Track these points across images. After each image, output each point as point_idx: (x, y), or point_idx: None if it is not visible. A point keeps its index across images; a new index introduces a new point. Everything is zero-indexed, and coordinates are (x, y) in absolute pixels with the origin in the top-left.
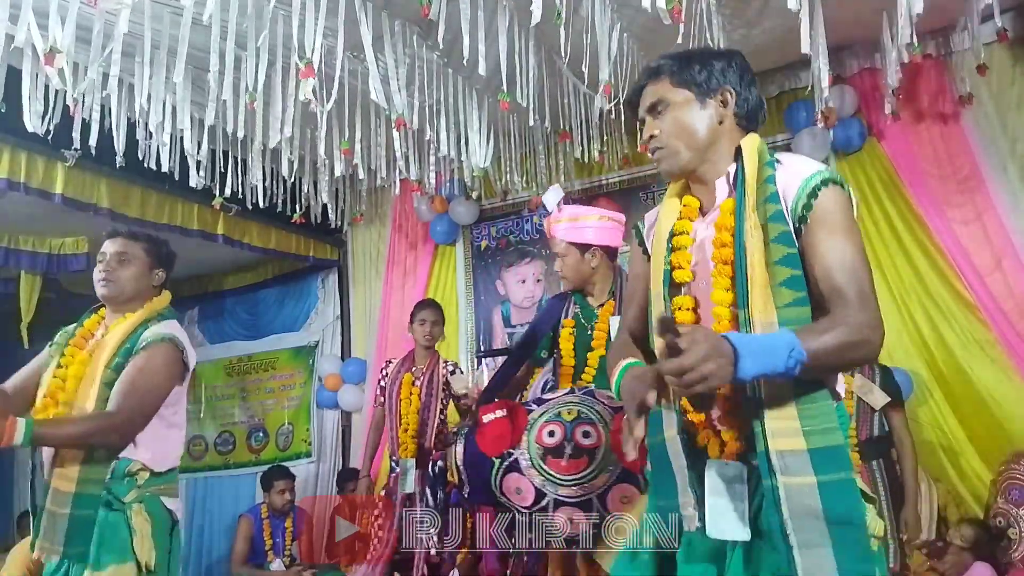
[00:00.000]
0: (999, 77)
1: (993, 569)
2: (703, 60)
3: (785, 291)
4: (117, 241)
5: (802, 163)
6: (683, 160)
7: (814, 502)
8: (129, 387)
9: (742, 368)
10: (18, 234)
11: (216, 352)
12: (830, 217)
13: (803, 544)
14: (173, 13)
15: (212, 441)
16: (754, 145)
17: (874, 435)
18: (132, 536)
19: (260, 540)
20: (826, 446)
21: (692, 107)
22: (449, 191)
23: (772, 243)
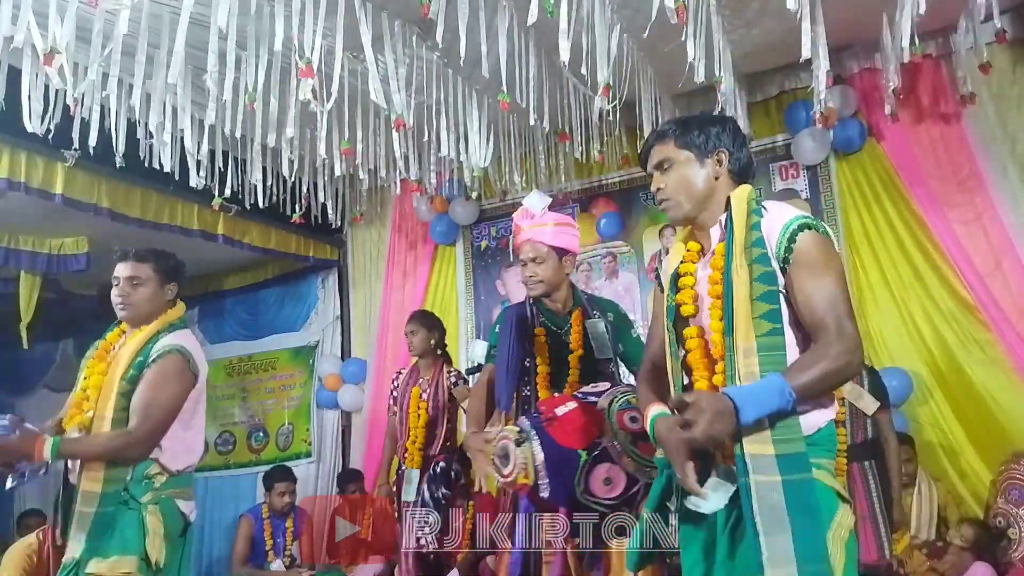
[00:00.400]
0: (999, 77)
1: (993, 569)
2: (702, 126)
3: (764, 323)
4: (128, 265)
5: (783, 211)
6: (684, 210)
7: (778, 496)
8: (145, 404)
9: (744, 417)
10: (18, 234)
11: (216, 352)
12: (807, 259)
13: (767, 531)
14: (172, 13)
15: (213, 441)
16: (743, 196)
17: (868, 437)
18: (145, 534)
19: (261, 540)
20: (789, 453)
21: (692, 166)
22: (449, 191)
23: (755, 281)
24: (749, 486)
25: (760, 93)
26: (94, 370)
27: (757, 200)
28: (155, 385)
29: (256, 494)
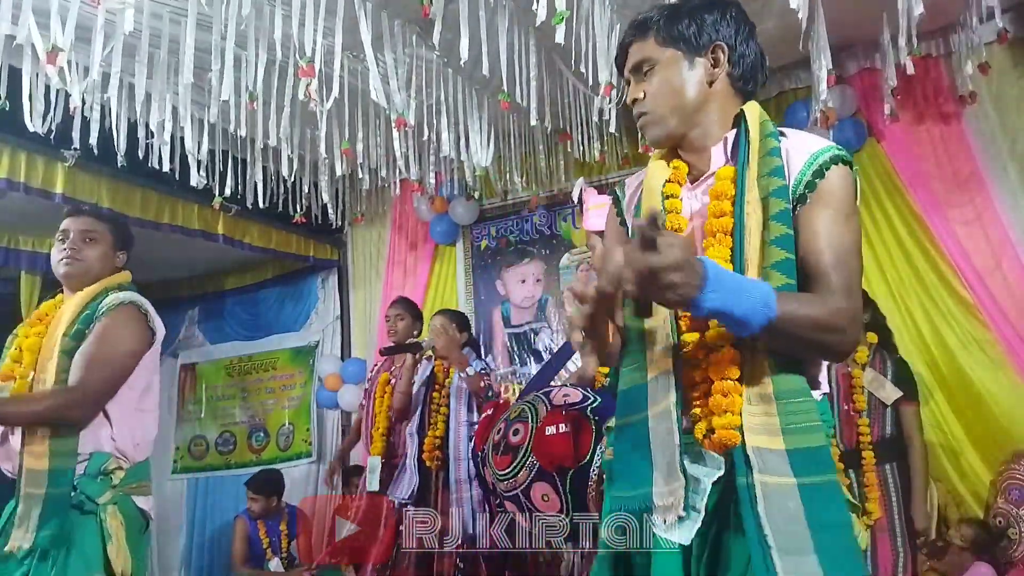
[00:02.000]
0: (999, 77)
1: (993, 569)
2: (692, 12)
3: (776, 275)
4: (81, 219)
5: (810, 137)
6: (670, 126)
7: (795, 504)
8: (89, 357)
9: (705, 296)
10: (18, 234)
11: (216, 352)
12: (834, 198)
13: (783, 549)
14: (173, 12)
15: (213, 441)
16: (757, 112)
17: (887, 434)
18: (106, 543)
19: (257, 540)
20: (807, 447)
21: (680, 66)
22: (449, 191)
23: (771, 220)
24: (753, 489)
25: (760, 93)
26: (30, 332)
27: (772, 122)
28: (103, 337)
29: None
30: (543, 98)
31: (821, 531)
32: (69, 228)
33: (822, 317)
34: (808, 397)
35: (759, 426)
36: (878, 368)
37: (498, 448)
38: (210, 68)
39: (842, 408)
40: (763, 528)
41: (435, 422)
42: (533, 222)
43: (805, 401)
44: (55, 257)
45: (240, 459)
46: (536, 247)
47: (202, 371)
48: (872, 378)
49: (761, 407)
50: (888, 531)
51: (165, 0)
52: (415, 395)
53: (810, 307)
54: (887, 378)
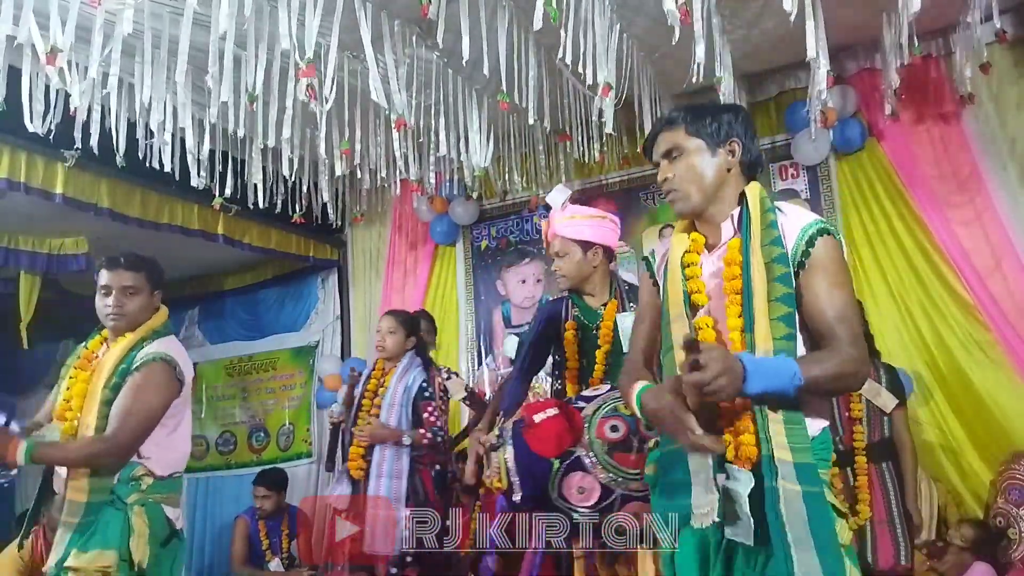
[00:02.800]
0: (999, 77)
1: (993, 569)
2: (714, 113)
3: (780, 325)
4: (121, 274)
5: (800, 213)
6: (694, 202)
7: (800, 507)
8: (124, 411)
9: (750, 385)
10: (18, 234)
11: (216, 352)
12: (827, 266)
13: (797, 543)
14: (173, 13)
15: (213, 441)
16: (757, 192)
17: (885, 436)
18: (129, 533)
19: (257, 540)
20: (803, 462)
21: (704, 155)
22: (449, 191)
23: (774, 282)
24: (777, 492)
25: (760, 93)
26: (77, 378)
27: (770, 199)
28: (136, 392)
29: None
30: (543, 98)
31: (816, 531)
32: (110, 284)
33: (838, 370)
34: (802, 426)
35: (779, 442)
36: (872, 376)
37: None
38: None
39: (842, 415)
40: (785, 526)
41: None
42: (533, 222)
43: (801, 428)
44: (101, 311)
45: (240, 459)
46: (536, 247)
47: (202, 371)
48: (868, 387)
49: (777, 427)
50: (887, 523)
51: (165, 0)
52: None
53: (827, 365)
54: (881, 385)
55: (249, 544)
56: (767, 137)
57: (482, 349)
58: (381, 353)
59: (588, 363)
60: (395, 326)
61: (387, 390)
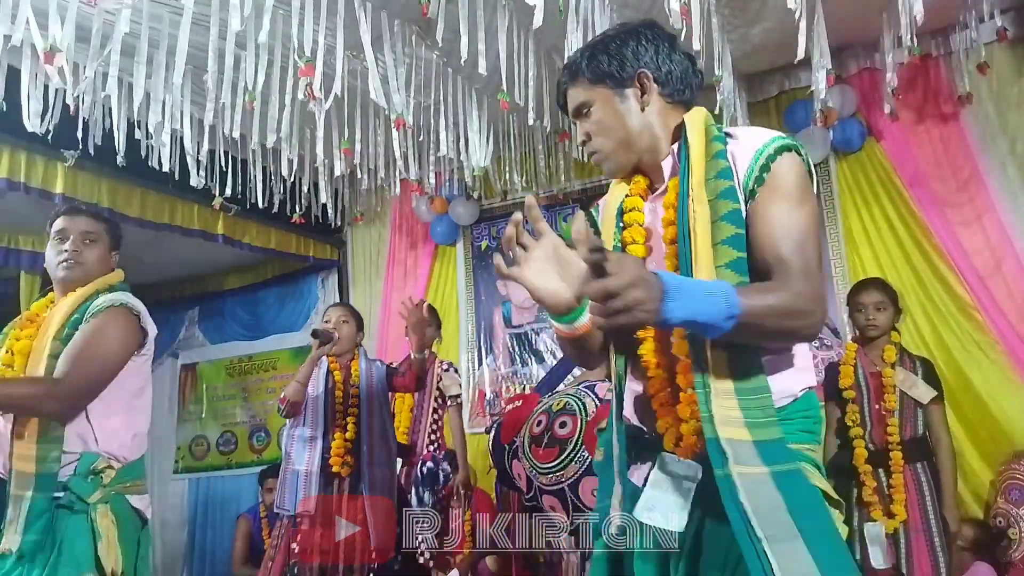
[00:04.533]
0: (999, 77)
1: (993, 569)
2: (611, 49)
3: (729, 274)
4: (80, 219)
5: (756, 133)
6: (619, 159)
7: (772, 492)
8: (75, 353)
9: (669, 307)
10: (18, 234)
11: (216, 352)
12: (783, 184)
13: (773, 538)
14: (172, 13)
15: (214, 441)
16: (699, 119)
17: (918, 434)
18: (96, 541)
19: (259, 540)
20: (767, 439)
21: (612, 102)
22: (449, 191)
23: (719, 221)
24: (732, 480)
25: (760, 93)
26: (21, 334)
27: (717, 126)
28: (92, 335)
29: (258, 493)
30: (542, 98)
31: (800, 515)
32: (68, 228)
33: (785, 303)
34: (766, 394)
35: (729, 419)
36: (907, 367)
37: (540, 440)
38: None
39: (873, 408)
40: (751, 520)
41: (345, 425)
42: None
43: (763, 397)
44: (52, 258)
45: (241, 459)
46: None
47: (202, 371)
48: (904, 377)
49: (726, 400)
50: (923, 531)
51: (164, 0)
52: (316, 398)
53: (772, 296)
54: (918, 376)
55: (250, 544)
56: None
57: (482, 349)
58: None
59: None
60: (347, 315)
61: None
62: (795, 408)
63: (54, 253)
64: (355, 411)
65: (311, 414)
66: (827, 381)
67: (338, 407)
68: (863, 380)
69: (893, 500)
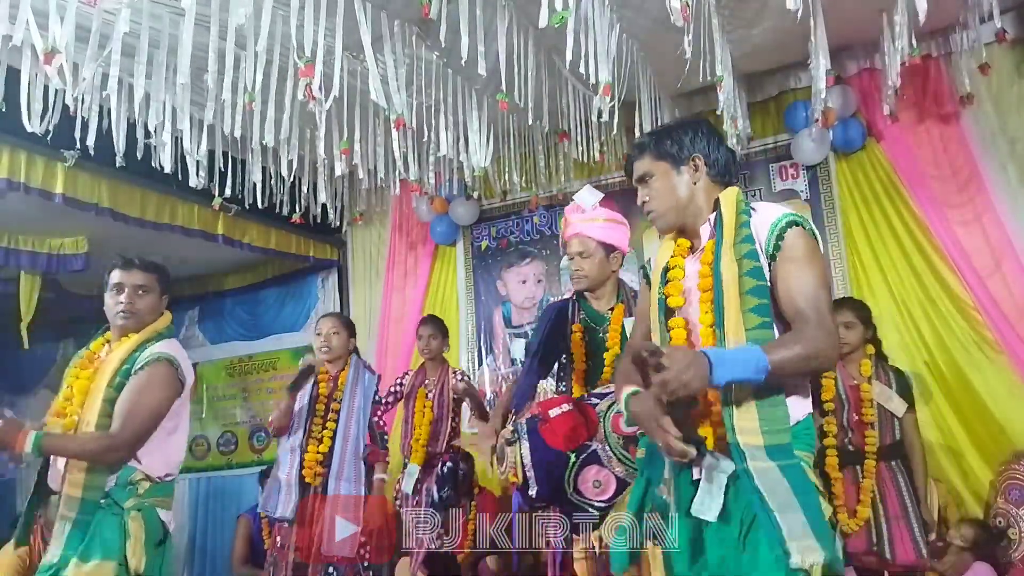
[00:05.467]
0: (999, 77)
1: (993, 569)
2: (674, 135)
3: (753, 316)
4: (135, 273)
5: (772, 209)
6: (669, 220)
7: (779, 477)
8: (128, 410)
9: (716, 375)
10: (18, 234)
11: (217, 352)
12: (793, 252)
13: (780, 507)
14: (172, 13)
15: (215, 441)
16: (732, 197)
17: (895, 440)
18: (126, 539)
19: (259, 540)
20: (777, 444)
21: (671, 175)
22: (449, 191)
23: (744, 275)
24: (751, 472)
25: (760, 93)
26: (80, 376)
27: (746, 201)
28: (140, 391)
29: (258, 494)
30: (542, 98)
31: (800, 494)
32: (123, 282)
33: (803, 352)
34: (783, 408)
35: (748, 428)
36: (883, 381)
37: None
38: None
39: (851, 418)
40: (764, 497)
41: (321, 437)
42: (533, 222)
43: (779, 410)
44: (112, 308)
45: (242, 459)
46: (536, 247)
47: (203, 371)
48: (880, 391)
49: (748, 413)
50: (903, 518)
51: (164, 1)
52: (301, 408)
53: (792, 347)
54: (892, 390)
55: (251, 544)
56: (768, 137)
57: (482, 349)
58: (326, 355)
59: (594, 365)
60: (338, 326)
61: (343, 395)
62: (799, 428)
63: (112, 303)
64: (333, 424)
65: (297, 424)
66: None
67: (317, 419)
68: (843, 393)
69: (860, 502)
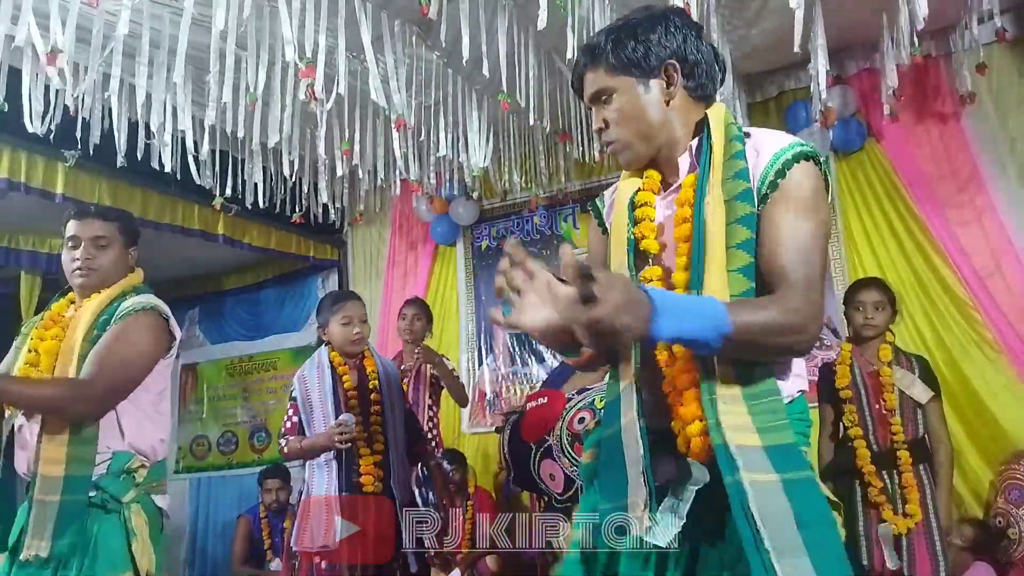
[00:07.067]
0: (999, 77)
1: (993, 569)
2: (637, 35)
3: (740, 278)
4: (92, 223)
5: (775, 136)
6: (639, 151)
7: (782, 501)
8: (104, 354)
9: (658, 326)
10: (18, 234)
11: (217, 352)
12: (795, 194)
13: (780, 551)
14: (173, 13)
15: (215, 441)
16: (720, 117)
17: (918, 436)
18: (131, 541)
19: (259, 540)
20: (779, 444)
21: (636, 92)
22: (449, 191)
23: (734, 224)
24: (743, 487)
25: (760, 93)
26: (45, 334)
27: (737, 125)
28: (121, 336)
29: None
30: (543, 98)
31: (807, 528)
32: (79, 234)
33: (778, 320)
34: (776, 396)
35: (738, 424)
36: (904, 366)
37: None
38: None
39: (872, 407)
40: (760, 531)
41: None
42: (533, 222)
43: (773, 400)
44: (68, 265)
45: (242, 459)
46: (537, 247)
47: (203, 371)
48: (902, 376)
49: (734, 406)
50: (925, 534)
51: (165, 1)
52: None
53: (764, 312)
54: (915, 375)
55: (251, 543)
56: None
57: (482, 349)
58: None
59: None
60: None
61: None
62: (791, 409)
63: (68, 259)
64: (378, 418)
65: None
66: (821, 382)
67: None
68: (860, 380)
69: (908, 500)
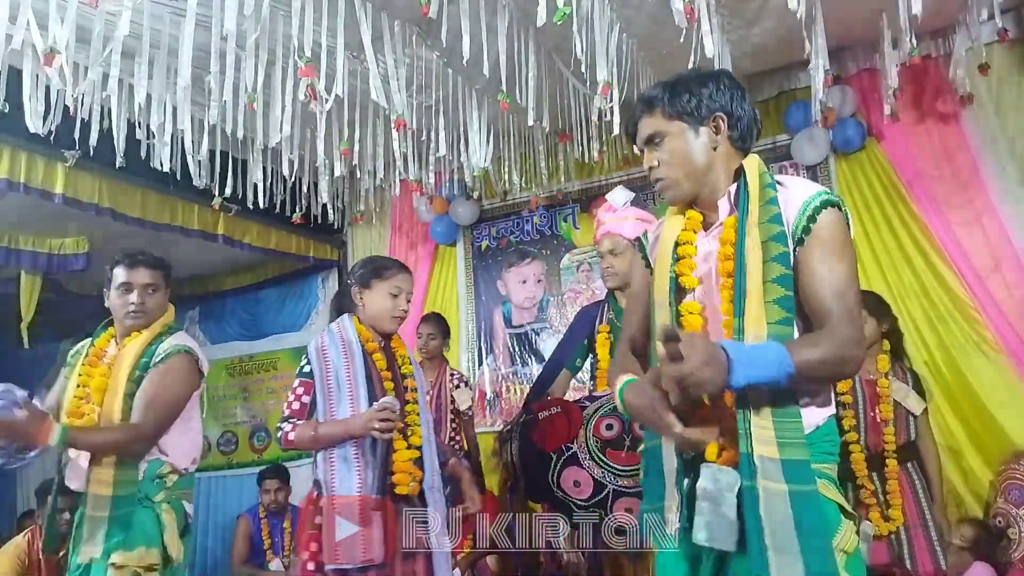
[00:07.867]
0: (999, 77)
1: (993, 569)
2: (692, 88)
3: (776, 308)
4: (142, 272)
5: (803, 186)
6: (684, 190)
7: (785, 509)
8: (151, 399)
9: (735, 376)
10: (18, 234)
11: (217, 352)
12: (827, 238)
13: (777, 547)
14: (173, 13)
15: (215, 441)
16: (755, 166)
17: (910, 440)
18: (162, 530)
19: (259, 540)
20: (795, 459)
21: (687, 137)
22: (449, 191)
23: (770, 262)
24: (757, 492)
25: (760, 93)
26: (93, 374)
27: (769, 174)
28: (161, 381)
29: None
30: (543, 98)
31: (804, 535)
32: (131, 281)
33: (832, 353)
34: (797, 418)
35: (763, 437)
36: (900, 378)
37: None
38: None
39: (868, 415)
40: (763, 529)
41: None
42: (533, 222)
43: (794, 421)
44: (121, 308)
45: (242, 459)
46: (537, 247)
47: None
48: (897, 388)
49: (763, 421)
50: (921, 527)
51: (165, 1)
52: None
53: (818, 348)
54: (909, 387)
55: (250, 544)
56: (767, 137)
57: (482, 349)
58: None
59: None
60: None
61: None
62: (819, 434)
63: (120, 303)
64: (415, 407)
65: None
66: None
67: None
68: (859, 387)
69: (891, 505)
